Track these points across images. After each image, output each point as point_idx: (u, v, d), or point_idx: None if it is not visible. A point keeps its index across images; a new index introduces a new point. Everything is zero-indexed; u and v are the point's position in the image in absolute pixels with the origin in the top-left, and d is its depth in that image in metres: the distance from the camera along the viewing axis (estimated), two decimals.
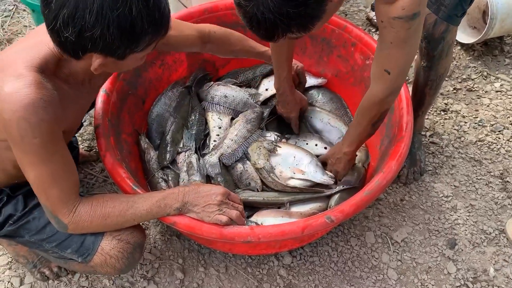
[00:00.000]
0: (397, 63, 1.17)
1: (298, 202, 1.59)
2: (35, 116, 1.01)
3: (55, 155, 1.09)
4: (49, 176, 1.10)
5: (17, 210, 1.27)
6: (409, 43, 1.13)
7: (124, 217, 1.21)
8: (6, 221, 1.27)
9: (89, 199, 1.19)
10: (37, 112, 1.01)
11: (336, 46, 1.86)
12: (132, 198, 1.23)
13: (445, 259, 1.65)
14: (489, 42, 2.37)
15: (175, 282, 1.57)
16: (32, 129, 1.02)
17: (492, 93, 2.19)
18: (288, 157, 1.65)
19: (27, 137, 1.02)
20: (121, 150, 1.51)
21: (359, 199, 1.31)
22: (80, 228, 1.19)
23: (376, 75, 1.25)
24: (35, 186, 1.13)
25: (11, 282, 1.57)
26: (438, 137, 2.00)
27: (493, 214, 1.76)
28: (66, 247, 1.27)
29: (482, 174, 1.88)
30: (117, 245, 1.26)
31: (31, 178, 1.11)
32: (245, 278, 1.59)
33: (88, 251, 1.26)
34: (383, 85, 1.24)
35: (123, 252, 1.27)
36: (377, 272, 1.61)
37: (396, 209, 1.78)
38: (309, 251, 1.65)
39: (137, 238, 1.30)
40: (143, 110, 1.83)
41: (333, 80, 1.96)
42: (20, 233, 1.29)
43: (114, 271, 1.30)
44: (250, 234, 1.22)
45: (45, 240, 1.28)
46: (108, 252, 1.26)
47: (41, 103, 1.01)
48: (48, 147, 1.07)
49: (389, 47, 1.14)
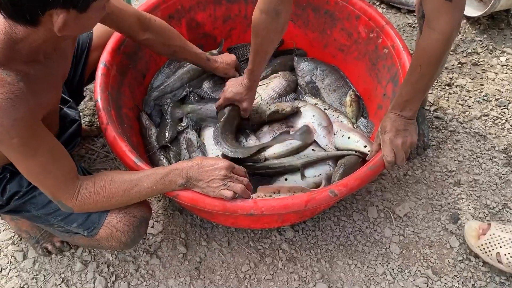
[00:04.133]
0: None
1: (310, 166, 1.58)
2: (7, 118, 0.95)
3: (40, 148, 1.05)
4: (39, 169, 1.08)
5: (21, 186, 1.25)
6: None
7: (129, 196, 1.20)
8: (12, 197, 1.26)
9: (91, 180, 1.17)
10: (7, 114, 0.95)
11: (340, 19, 1.82)
12: (135, 176, 1.20)
13: (448, 234, 1.64)
14: (495, 15, 2.33)
15: (178, 256, 1.58)
16: (7, 132, 0.97)
17: (497, 67, 2.15)
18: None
19: (5, 139, 0.98)
20: (122, 124, 1.49)
21: (363, 174, 1.30)
22: (86, 209, 1.19)
23: (435, 9, 1.12)
24: (28, 179, 1.11)
25: (14, 256, 1.58)
26: (442, 112, 1.98)
27: (496, 189, 1.75)
28: (72, 221, 1.27)
29: (486, 149, 1.86)
30: (123, 218, 1.26)
31: (22, 172, 1.09)
32: (247, 252, 1.59)
33: (94, 225, 1.26)
34: (446, 16, 1.11)
35: (129, 225, 1.26)
36: (380, 246, 1.62)
37: (399, 184, 1.77)
38: (311, 226, 1.65)
39: (143, 212, 1.30)
40: (143, 85, 1.81)
41: (336, 54, 1.92)
42: (26, 208, 1.28)
43: (119, 244, 1.29)
44: (253, 207, 1.21)
45: (51, 215, 1.27)
46: (114, 225, 1.25)
47: (8, 103, 0.94)
48: (30, 142, 1.03)
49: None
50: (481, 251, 1.52)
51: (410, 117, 1.32)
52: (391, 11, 2.41)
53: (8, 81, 0.96)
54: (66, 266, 1.56)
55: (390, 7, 2.43)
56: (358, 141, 1.61)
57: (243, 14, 1.95)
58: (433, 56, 1.18)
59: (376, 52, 1.71)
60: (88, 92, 1.97)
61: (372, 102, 1.78)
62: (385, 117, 1.36)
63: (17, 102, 0.96)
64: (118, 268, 1.55)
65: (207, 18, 1.91)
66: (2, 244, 1.61)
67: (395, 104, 1.33)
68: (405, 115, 1.31)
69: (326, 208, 1.65)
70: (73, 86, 1.57)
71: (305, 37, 1.97)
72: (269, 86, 1.83)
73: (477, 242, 1.53)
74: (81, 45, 1.56)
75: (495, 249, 1.49)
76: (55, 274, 1.55)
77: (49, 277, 1.54)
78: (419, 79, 1.24)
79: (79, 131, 1.38)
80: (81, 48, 1.56)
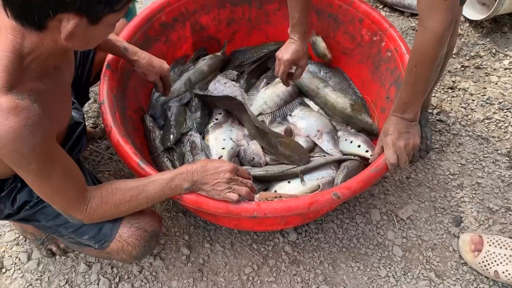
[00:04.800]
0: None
1: (308, 172, 1.60)
2: (26, 145, 0.94)
3: (54, 169, 1.04)
4: (53, 190, 1.08)
5: (32, 196, 1.24)
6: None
7: (137, 201, 1.19)
8: (22, 206, 1.25)
9: (98, 190, 1.17)
10: (26, 141, 0.93)
11: (343, 22, 1.83)
12: (141, 182, 1.20)
13: (451, 237, 1.65)
14: (498, 18, 2.33)
15: (181, 258, 1.58)
16: (26, 158, 0.97)
17: (500, 71, 2.16)
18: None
19: (23, 166, 0.99)
20: (127, 126, 1.50)
21: (366, 176, 1.31)
22: (95, 219, 1.18)
23: (429, 7, 1.11)
24: (41, 197, 1.12)
25: (18, 257, 1.59)
26: (445, 115, 1.98)
27: (499, 192, 1.75)
28: (83, 234, 1.26)
29: (489, 152, 1.87)
30: (135, 233, 1.25)
31: (35, 191, 1.10)
32: (250, 255, 1.60)
33: (105, 238, 1.25)
34: (440, 15, 1.10)
35: (140, 240, 1.26)
36: (382, 249, 1.62)
37: (402, 186, 1.77)
38: (314, 228, 1.65)
39: (154, 226, 1.30)
40: (148, 87, 1.81)
41: (339, 57, 1.93)
42: (36, 218, 1.28)
43: (130, 258, 1.29)
44: (256, 210, 1.22)
45: (61, 226, 1.26)
46: (125, 239, 1.25)
47: (27, 130, 0.93)
48: (46, 166, 1.02)
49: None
50: (479, 268, 1.54)
51: (411, 119, 1.32)
52: (394, 15, 2.42)
53: (24, 106, 0.93)
54: (70, 268, 1.57)
55: (393, 10, 2.43)
56: (360, 146, 1.62)
57: (247, 17, 1.96)
58: (426, 55, 1.18)
59: (379, 55, 1.72)
60: (93, 94, 1.98)
61: (376, 105, 1.79)
62: (387, 120, 1.37)
63: (35, 128, 0.94)
64: (121, 269, 1.56)
65: (211, 21, 1.92)
66: (7, 245, 1.62)
67: (396, 106, 1.33)
68: (406, 117, 1.32)
69: (329, 210, 1.66)
70: (80, 86, 1.57)
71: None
72: (274, 92, 1.82)
73: (474, 260, 1.54)
74: None
75: (493, 267, 1.50)
76: (59, 275, 1.56)
77: (53, 278, 1.55)
78: (416, 80, 1.24)
79: (84, 134, 1.38)
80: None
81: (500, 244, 1.53)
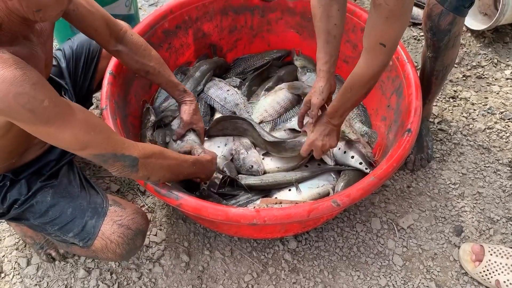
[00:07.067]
0: (391, 36, 1.17)
1: (305, 180, 1.61)
2: (27, 84, 0.91)
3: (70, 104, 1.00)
4: (85, 126, 1.01)
5: (21, 194, 1.26)
6: (403, 17, 1.13)
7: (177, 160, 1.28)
8: (12, 205, 1.27)
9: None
10: (25, 80, 0.91)
11: (345, 31, 1.82)
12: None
13: (451, 246, 1.64)
14: (500, 28, 2.34)
15: (181, 265, 1.58)
16: (33, 97, 0.92)
17: (502, 81, 2.16)
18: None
19: (35, 107, 0.93)
20: (128, 132, 1.50)
21: (366, 184, 1.30)
22: (150, 162, 1.17)
23: (371, 48, 1.22)
24: (77, 147, 1.03)
25: (18, 262, 1.59)
26: (446, 124, 1.98)
27: (500, 202, 1.75)
28: (68, 231, 1.27)
29: (490, 161, 1.86)
30: (117, 230, 1.26)
31: (67, 141, 1.01)
32: (250, 262, 1.59)
33: (89, 235, 1.26)
34: (379, 57, 1.23)
35: (124, 238, 1.27)
36: (383, 258, 1.61)
37: (403, 195, 1.77)
38: (314, 236, 1.65)
39: (138, 224, 1.30)
40: (149, 94, 1.82)
41: (341, 65, 1.94)
42: (25, 216, 1.29)
43: (115, 256, 1.29)
44: (255, 217, 1.22)
45: (48, 224, 1.28)
46: (108, 236, 1.25)
47: (20, 71, 0.91)
48: (62, 102, 0.98)
49: (384, 22, 1.14)
50: (480, 278, 1.53)
51: (336, 125, 1.48)
52: None
53: (7, 56, 0.93)
54: (69, 273, 1.57)
55: None
56: (353, 157, 1.63)
57: (249, 25, 1.97)
58: (361, 82, 1.31)
59: None
60: (95, 100, 1.99)
61: (377, 113, 1.79)
62: (320, 118, 1.51)
63: (26, 70, 0.93)
64: (121, 275, 1.56)
65: (213, 29, 1.94)
66: (6, 250, 1.62)
67: (328, 111, 1.45)
68: (333, 122, 1.46)
69: (329, 218, 1.65)
70: (82, 93, 1.58)
71: (311, 49, 1.98)
72: (274, 100, 1.82)
73: (475, 269, 1.53)
74: (91, 52, 1.58)
75: (494, 276, 1.49)
76: (58, 280, 1.55)
77: (52, 283, 1.55)
78: (349, 98, 1.37)
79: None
80: (91, 56, 1.58)
81: (502, 253, 1.52)
